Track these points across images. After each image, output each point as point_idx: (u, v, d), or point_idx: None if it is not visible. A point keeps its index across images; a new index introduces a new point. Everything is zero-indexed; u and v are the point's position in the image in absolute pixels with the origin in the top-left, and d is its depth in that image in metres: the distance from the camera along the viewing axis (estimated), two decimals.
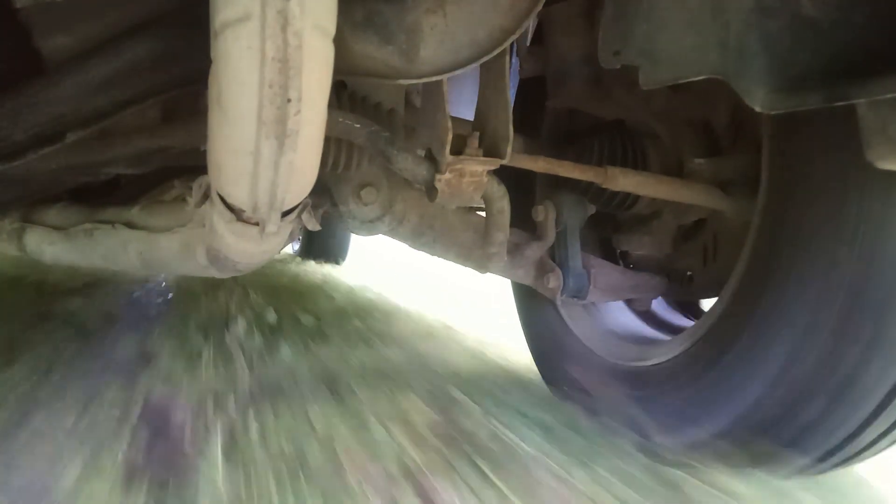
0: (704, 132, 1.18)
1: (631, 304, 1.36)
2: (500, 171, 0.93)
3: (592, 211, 1.24)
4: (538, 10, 0.74)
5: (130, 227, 1.04)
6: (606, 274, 1.24)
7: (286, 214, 0.73)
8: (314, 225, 0.84)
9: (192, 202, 0.84)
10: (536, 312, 1.46)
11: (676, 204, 1.19)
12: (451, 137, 0.83)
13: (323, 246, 3.35)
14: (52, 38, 0.74)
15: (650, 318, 1.37)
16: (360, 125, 0.86)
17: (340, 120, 0.85)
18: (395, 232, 1.14)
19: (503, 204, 1.01)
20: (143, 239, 1.01)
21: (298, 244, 3.55)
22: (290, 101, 0.53)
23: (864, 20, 0.59)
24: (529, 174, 1.10)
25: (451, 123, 0.83)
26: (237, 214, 0.72)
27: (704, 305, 1.38)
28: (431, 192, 0.90)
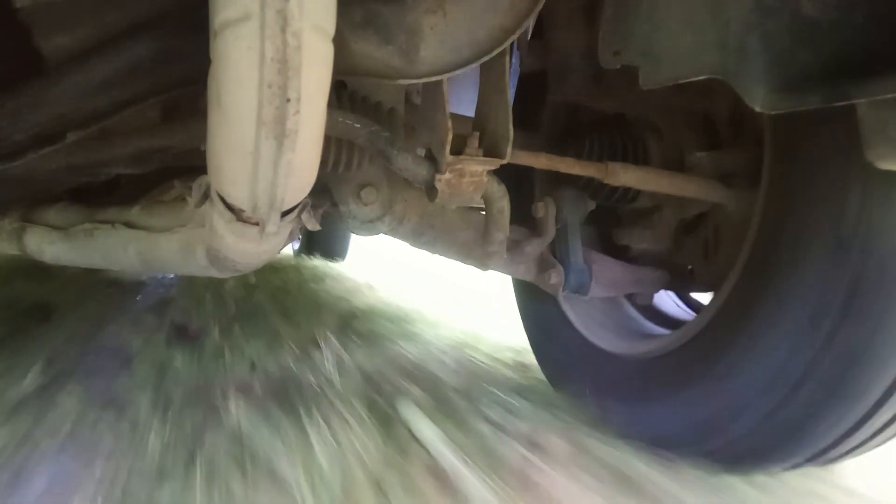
0: (705, 126, 1.18)
1: (632, 298, 1.36)
2: (499, 167, 0.93)
3: (592, 207, 1.24)
4: (538, 9, 0.74)
5: (130, 227, 1.04)
6: (607, 269, 1.24)
7: (286, 214, 0.73)
8: (314, 225, 0.84)
9: (192, 202, 0.84)
10: (537, 307, 1.46)
11: (677, 198, 1.19)
12: (451, 137, 0.83)
13: (323, 245, 3.36)
14: (52, 38, 0.74)
15: (650, 311, 1.36)
16: (360, 125, 0.86)
17: (340, 120, 0.85)
18: (395, 231, 1.14)
19: (503, 204, 1.01)
20: (143, 239, 1.01)
21: (298, 244, 3.55)
22: (289, 101, 0.53)
23: (863, 20, 0.59)
24: (529, 170, 1.10)
25: (451, 123, 0.83)
26: (237, 214, 0.72)
27: (702, 299, 1.37)
28: (431, 192, 0.90)
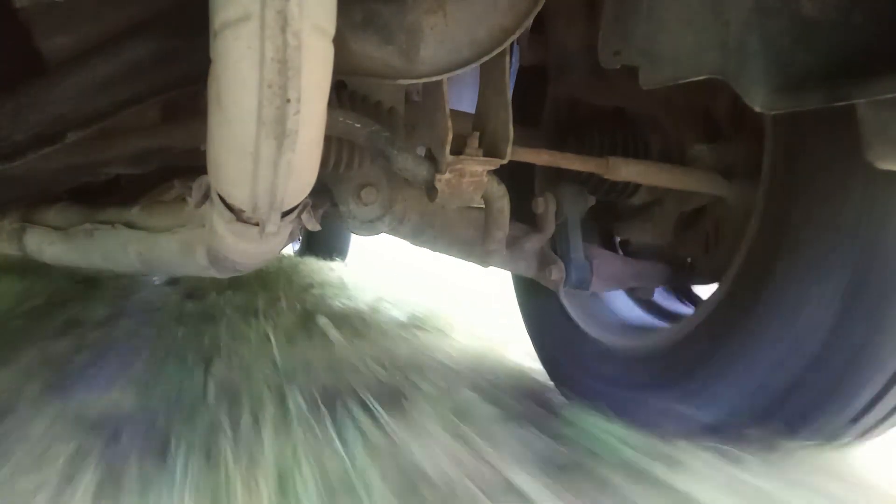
0: (706, 119, 1.18)
1: (633, 292, 1.35)
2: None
3: (593, 202, 1.23)
4: (538, 9, 0.74)
5: (130, 227, 1.04)
6: (608, 263, 1.23)
7: (286, 214, 0.73)
8: (314, 225, 0.84)
9: (192, 202, 0.84)
10: (537, 303, 1.46)
11: (678, 191, 1.19)
12: (451, 137, 0.83)
13: (323, 245, 3.35)
14: (52, 38, 0.74)
15: (650, 305, 1.36)
16: (360, 125, 0.86)
17: (340, 120, 0.85)
18: (395, 231, 1.14)
19: (503, 203, 1.01)
20: (143, 239, 1.01)
21: (299, 244, 3.55)
22: (289, 101, 0.53)
23: (864, 20, 0.59)
24: (529, 165, 1.10)
25: (451, 123, 0.83)
26: (237, 214, 0.72)
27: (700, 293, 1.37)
28: (431, 192, 0.90)
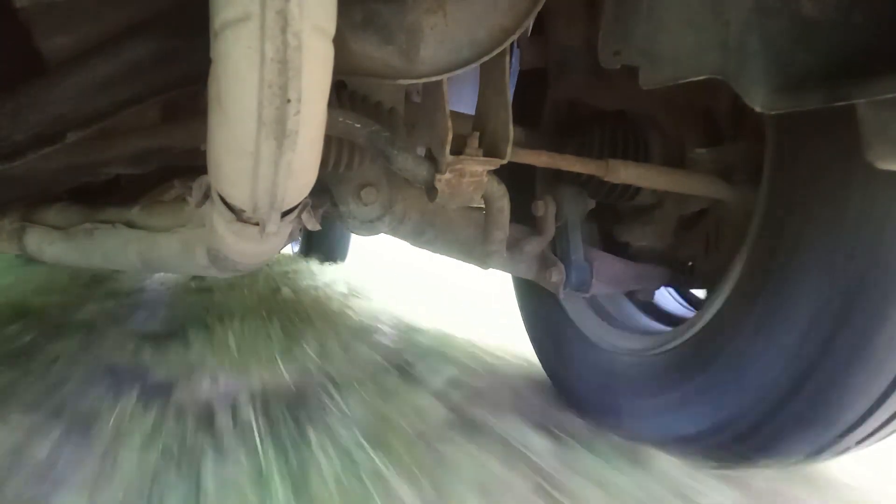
0: (706, 120, 1.18)
1: (633, 295, 1.35)
2: (499, 165, 0.92)
3: (593, 204, 1.23)
4: (538, 9, 0.74)
5: (130, 227, 1.04)
6: (608, 266, 1.23)
7: (286, 214, 0.73)
8: (314, 225, 0.84)
9: (192, 202, 0.84)
10: (537, 305, 1.45)
11: (678, 194, 1.19)
12: (451, 137, 0.83)
13: (323, 245, 3.35)
14: (52, 38, 0.74)
15: (650, 308, 1.36)
16: (360, 125, 0.86)
17: (340, 120, 0.85)
18: (395, 231, 1.14)
19: (503, 203, 1.01)
20: (143, 239, 1.01)
21: (298, 244, 3.55)
22: (289, 101, 0.53)
23: (864, 20, 0.59)
24: (529, 167, 1.10)
25: (451, 123, 0.83)
26: (237, 214, 0.72)
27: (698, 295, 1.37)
28: (431, 192, 0.90)
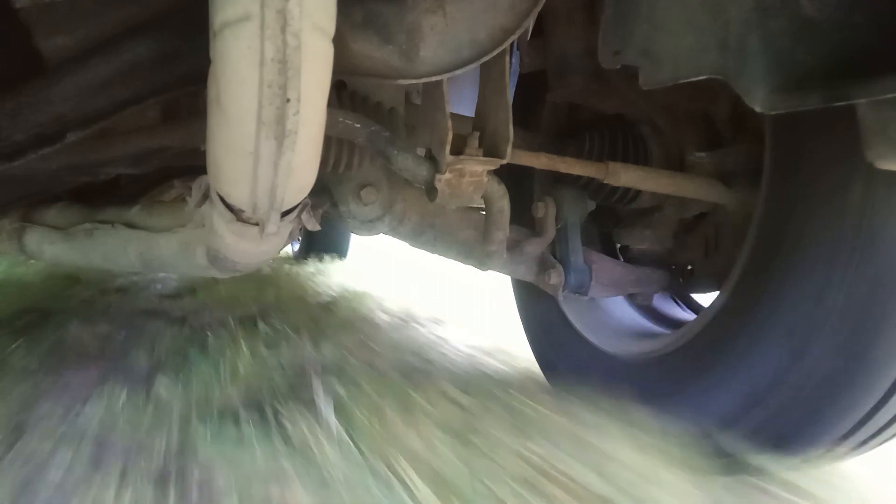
0: (705, 124, 1.18)
1: (632, 298, 1.35)
2: (499, 166, 0.92)
3: (593, 207, 1.24)
4: (538, 9, 0.74)
5: (130, 227, 1.04)
6: (608, 269, 1.24)
7: (286, 214, 0.73)
8: (314, 225, 0.84)
9: (192, 202, 0.84)
10: (536, 307, 1.45)
11: (678, 197, 1.19)
12: (451, 137, 0.83)
13: (323, 244, 3.36)
14: (52, 38, 0.74)
15: (650, 311, 1.36)
16: (360, 125, 0.86)
17: (340, 120, 0.85)
18: (395, 231, 1.14)
19: (503, 204, 1.01)
20: (143, 239, 1.01)
21: (298, 243, 3.55)
22: (289, 101, 0.53)
23: (864, 20, 0.59)
24: (529, 169, 1.10)
25: (451, 123, 0.83)
26: (237, 214, 0.72)
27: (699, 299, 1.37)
28: (431, 192, 0.90)
